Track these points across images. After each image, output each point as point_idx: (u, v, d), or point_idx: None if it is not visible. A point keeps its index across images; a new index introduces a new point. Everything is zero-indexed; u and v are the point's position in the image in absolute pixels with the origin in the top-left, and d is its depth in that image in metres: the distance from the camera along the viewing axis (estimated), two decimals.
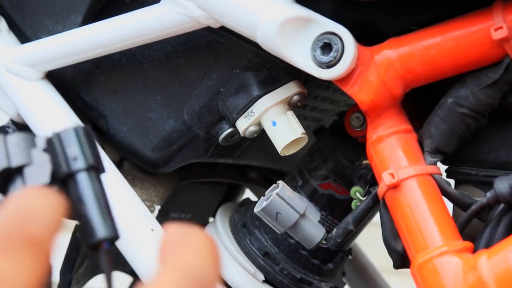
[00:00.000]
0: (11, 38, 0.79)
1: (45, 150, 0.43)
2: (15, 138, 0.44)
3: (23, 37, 0.79)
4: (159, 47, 0.73)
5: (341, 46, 0.63)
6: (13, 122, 0.82)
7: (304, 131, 0.70)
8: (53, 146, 0.42)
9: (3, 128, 0.83)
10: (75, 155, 0.41)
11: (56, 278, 0.85)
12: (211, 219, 0.90)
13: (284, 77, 0.71)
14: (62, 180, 0.41)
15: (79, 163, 0.41)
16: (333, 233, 0.71)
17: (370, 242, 1.04)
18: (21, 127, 0.81)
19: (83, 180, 0.41)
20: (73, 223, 0.85)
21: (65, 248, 0.85)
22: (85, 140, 0.42)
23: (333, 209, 0.76)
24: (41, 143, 0.43)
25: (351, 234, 0.71)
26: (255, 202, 0.75)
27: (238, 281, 0.77)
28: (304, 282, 0.77)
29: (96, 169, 0.42)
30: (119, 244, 0.72)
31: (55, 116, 0.77)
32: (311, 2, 0.64)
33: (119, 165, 0.79)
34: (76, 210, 0.41)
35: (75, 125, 0.42)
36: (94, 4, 0.74)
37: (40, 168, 0.42)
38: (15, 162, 0.42)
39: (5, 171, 0.43)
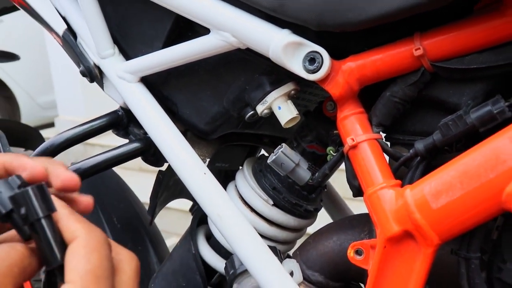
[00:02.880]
0: (120, 57, 0.78)
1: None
2: None
3: (127, 56, 0.78)
4: (208, 61, 0.72)
5: (321, 60, 0.62)
6: (121, 107, 0.82)
7: (298, 113, 0.69)
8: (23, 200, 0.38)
9: (115, 111, 0.83)
10: (38, 208, 0.38)
11: (147, 201, 0.86)
12: (240, 167, 0.90)
13: (285, 79, 0.69)
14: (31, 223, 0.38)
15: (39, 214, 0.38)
16: (316, 176, 0.72)
17: (337, 180, 1.04)
18: (126, 111, 0.82)
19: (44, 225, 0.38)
20: (157, 169, 0.86)
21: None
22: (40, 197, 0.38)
23: (316, 160, 0.76)
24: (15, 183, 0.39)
25: (327, 176, 0.72)
26: (267, 157, 0.75)
27: (257, 204, 0.77)
28: (297, 205, 0.77)
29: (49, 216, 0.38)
30: (187, 183, 0.72)
31: (145, 103, 0.76)
32: (303, 33, 0.63)
33: (184, 134, 0.79)
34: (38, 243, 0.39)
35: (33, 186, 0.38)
36: (169, 36, 0.73)
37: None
38: None
39: None
